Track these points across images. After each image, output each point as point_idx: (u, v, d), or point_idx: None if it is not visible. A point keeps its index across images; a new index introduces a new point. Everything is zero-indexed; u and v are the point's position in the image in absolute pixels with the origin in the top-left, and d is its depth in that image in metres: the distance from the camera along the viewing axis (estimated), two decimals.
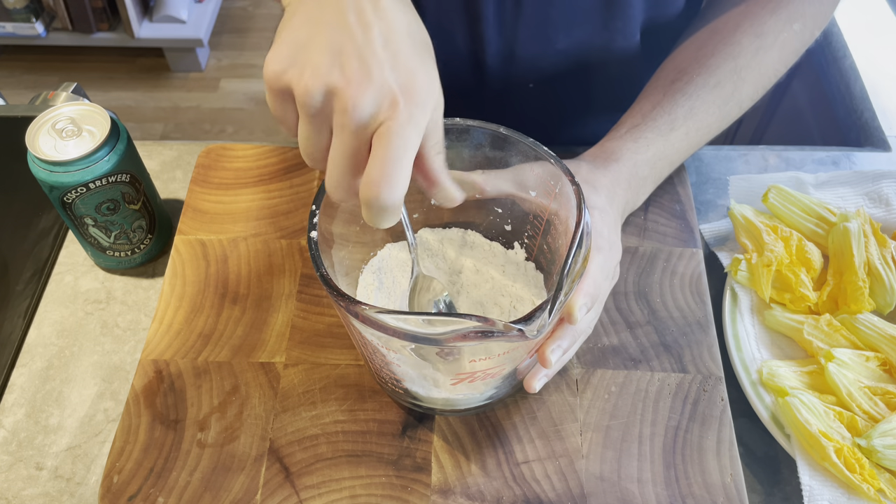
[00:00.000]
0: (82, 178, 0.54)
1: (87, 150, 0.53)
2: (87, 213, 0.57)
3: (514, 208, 0.54)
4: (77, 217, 0.57)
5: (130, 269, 0.63)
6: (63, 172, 0.53)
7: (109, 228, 0.59)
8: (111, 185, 0.56)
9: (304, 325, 0.57)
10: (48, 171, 0.53)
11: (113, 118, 0.56)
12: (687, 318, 0.56)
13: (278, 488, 0.49)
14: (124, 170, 0.56)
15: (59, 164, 0.53)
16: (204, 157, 0.67)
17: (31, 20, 2.01)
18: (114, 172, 0.55)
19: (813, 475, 0.49)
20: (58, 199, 0.55)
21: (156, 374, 0.54)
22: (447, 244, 0.56)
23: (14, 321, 0.61)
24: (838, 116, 0.82)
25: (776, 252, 0.57)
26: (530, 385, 0.47)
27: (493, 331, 0.37)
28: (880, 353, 0.53)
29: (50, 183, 0.54)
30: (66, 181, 0.54)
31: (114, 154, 0.55)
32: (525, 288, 0.53)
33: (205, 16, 2.15)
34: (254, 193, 0.65)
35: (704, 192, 0.68)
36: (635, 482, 0.49)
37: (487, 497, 0.49)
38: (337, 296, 0.40)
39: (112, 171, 0.55)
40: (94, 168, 0.54)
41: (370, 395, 0.53)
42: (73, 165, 0.53)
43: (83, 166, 0.54)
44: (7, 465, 0.53)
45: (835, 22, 0.86)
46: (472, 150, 0.51)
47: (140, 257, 0.63)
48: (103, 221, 0.58)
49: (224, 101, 2.12)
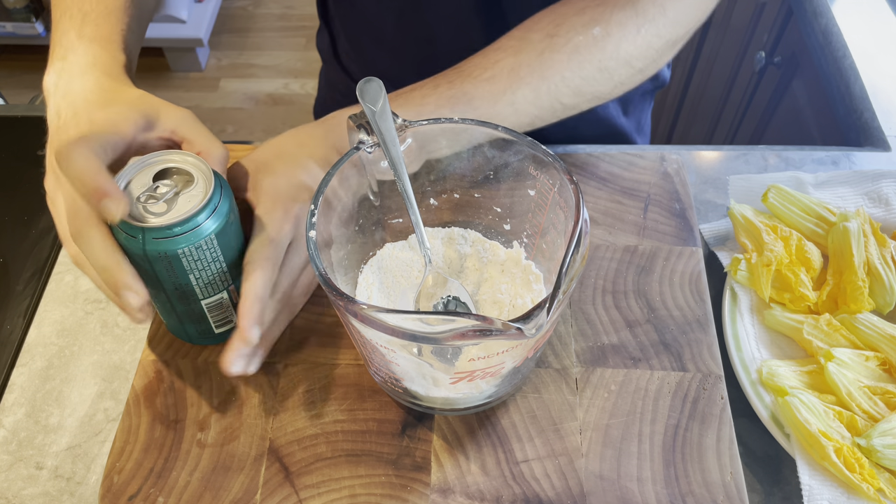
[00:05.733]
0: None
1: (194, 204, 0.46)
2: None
3: (513, 208, 0.54)
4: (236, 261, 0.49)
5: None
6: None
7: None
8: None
9: (304, 325, 0.57)
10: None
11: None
12: (686, 317, 0.57)
13: (278, 488, 0.49)
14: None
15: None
16: None
17: (31, 20, 2.01)
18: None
19: (812, 475, 0.49)
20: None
21: (156, 374, 0.54)
22: (447, 244, 0.56)
23: (14, 321, 0.61)
24: (838, 116, 0.82)
25: (776, 252, 0.57)
26: (226, 365, 0.47)
27: (491, 329, 0.37)
28: (880, 353, 0.53)
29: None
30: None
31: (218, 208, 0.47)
32: (524, 287, 0.53)
33: (205, 16, 2.15)
34: None
35: (704, 192, 0.68)
36: (635, 481, 0.49)
37: (487, 496, 0.49)
38: (336, 295, 0.40)
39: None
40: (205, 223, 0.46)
41: (370, 395, 0.53)
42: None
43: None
44: (7, 465, 0.53)
45: (835, 22, 0.86)
46: (471, 149, 0.51)
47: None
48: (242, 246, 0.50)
49: (224, 100, 2.12)
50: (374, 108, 0.46)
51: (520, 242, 0.55)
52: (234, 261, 0.49)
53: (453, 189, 0.55)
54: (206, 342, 0.55)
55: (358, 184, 0.50)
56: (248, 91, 2.15)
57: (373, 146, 0.47)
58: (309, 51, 2.25)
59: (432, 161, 0.52)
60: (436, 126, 0.49)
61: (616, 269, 0.59)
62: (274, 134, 0.56)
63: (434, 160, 0.52)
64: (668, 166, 0.65)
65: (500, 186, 0.53)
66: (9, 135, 0.70)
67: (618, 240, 0.61)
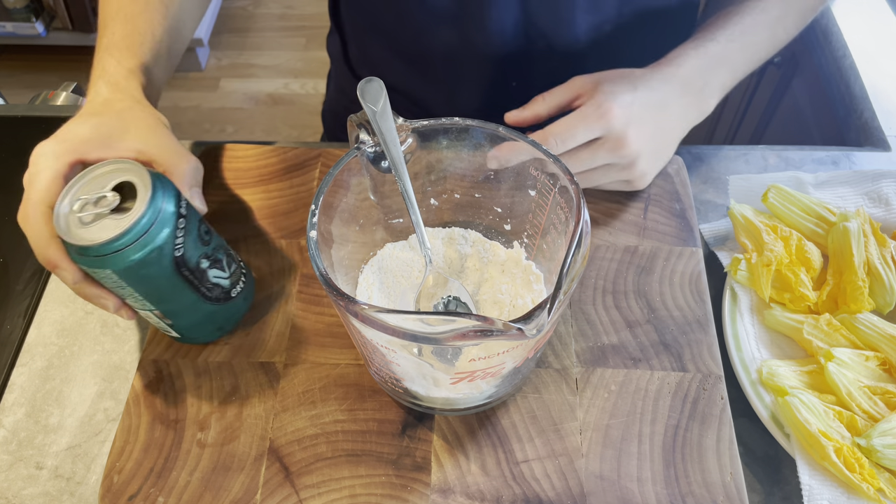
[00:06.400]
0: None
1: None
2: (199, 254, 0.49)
3: (514, 208, 0.54)
4: (195, 268, 0.49)
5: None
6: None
7: (219, 258, 0.52)
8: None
9: (304, 325, 0.57)
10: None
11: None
12: (686, 317, 0.57)
13: (278, 488, 0.49)
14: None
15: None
16: (204, 157, 0.67)
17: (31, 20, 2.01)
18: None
19: (812, 475, 0.49)
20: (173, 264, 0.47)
21: (156, 374, 0.54)
22: (447, 244, 0.56)
23: (14, 321, 0.61)
24: (838, 116, 0.82)
25: (776, 252, 0.57)
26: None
27: (492, 330, 0.37)
28: (880, 353, 0.53)
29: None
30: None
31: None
32: (524, 287, 0.53)
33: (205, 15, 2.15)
34: (253, 193, 0.65)
35: (704, 192, 0.68)
36: (635, 481, 0.49)
37: (487, 496, 0.49)
38: (336, 295, 0.40)
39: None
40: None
41: (370, 395, 0.53)
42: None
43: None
44: (7, 465, 0.53)
45: (835, 22, 0.86)
46: (472, 149, 0.51)
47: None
48: (213, 253, 0.51)
49: (224, 100, 2.12)
50: (375, 108, 0.46)
51: (520, 242, 0.55)
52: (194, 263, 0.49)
53: (454, 189, 0.55)
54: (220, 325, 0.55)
55: (359, 184, 0.50)
56: (248, 91, 2.15)
57: (374, 146, 0.47)
58: (309, 51, 2.25)
59: (433, 161, 0.52)
60: (436, 125, 0.49)
61: (616, 270, 0.59)
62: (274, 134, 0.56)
63: (435, 160, 0.52)
64: (668, 166, 0.65)
65: (501, 186, 0.53)
66: (9, 135, 0.69)
67: (618, 240, 0.61)
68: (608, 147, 0.57)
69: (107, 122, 0.52)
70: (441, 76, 0.75)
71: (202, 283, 0.51)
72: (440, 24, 0.69)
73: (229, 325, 0.56)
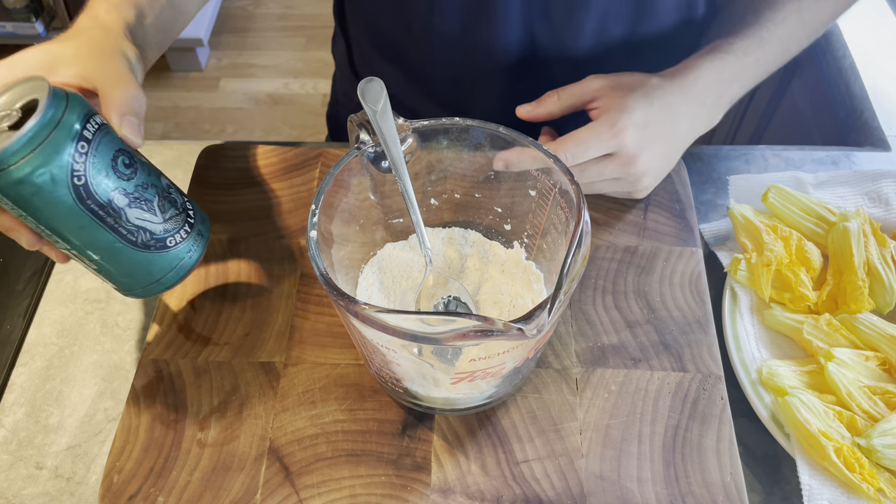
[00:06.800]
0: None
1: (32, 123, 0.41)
2: (113, 188, 0.44)
3: (514, 208, 0.54)
4: (107, 204, 0.44)
5: None
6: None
7: (148, 198, 0.46)
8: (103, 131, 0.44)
9: (304, 325, 0.57)
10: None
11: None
12: (686, 317, 0.57)
13: (278, 487, 0.49)
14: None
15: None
16: (204, 157, 0.67)
17: (31, 20, 2.01)
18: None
19: (812, 474, 0.49)
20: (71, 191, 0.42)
21: (156, 374, 0.54)
22: (447, 244, 0.56)
23: (14, 321, 0.61)
24: (838, 116, 0.82)
25: (776, 252, 0.57)
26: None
27: (492, 330, 0.37)
28: (880, 353, 0.54)
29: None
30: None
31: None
32: (524, 287, 0.53)
33: (205, 15, 2.15)
34: (253, 193, 0.65)
35: (704, 192, 0.68)
36: (635, 481, 0.49)
37: (487, 496, 0.49)
38: (336, 295, 0.40)
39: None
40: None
41: (370, 395, 0.53)
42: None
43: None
44: (7, 465, 0.53)
45: (835, 22, 0.86)
46: (472, 149, 0.51)
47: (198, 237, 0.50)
48: (134, 191, 0.45)
49: (224, 100, 2.12)
50: (375, 108, 0.46)
51: (520, 243, 0.55)
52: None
53: (454, 189, 0.55)
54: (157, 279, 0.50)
55: (359, 184, 0.50)
56: (248, 91, 2.14)
57: (374, 146, 0.47)
58: (309, 51, 2.25)
59: (433, 161, 0.52)
60: (436, 125, 0.49)
61: (616, 270, 0.59)
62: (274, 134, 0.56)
63: (435, 160, 0.52)
64: None
65: (501, 186, 0.53)
66: None
67: (618, 240, 0.61)
68: (618, 164, 0.57)
69: (59, 48, 0.50)
70: (446, 94, 0.75)
71: (119, 224, 0.45)
72: (447, 46, 0.69)
73: (171, 279, 0.50)
